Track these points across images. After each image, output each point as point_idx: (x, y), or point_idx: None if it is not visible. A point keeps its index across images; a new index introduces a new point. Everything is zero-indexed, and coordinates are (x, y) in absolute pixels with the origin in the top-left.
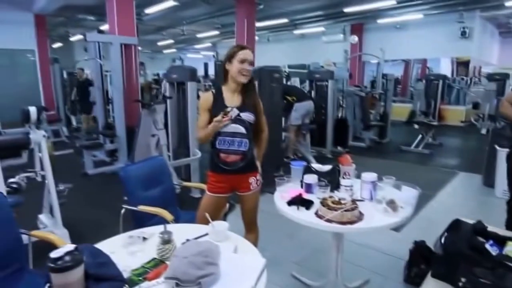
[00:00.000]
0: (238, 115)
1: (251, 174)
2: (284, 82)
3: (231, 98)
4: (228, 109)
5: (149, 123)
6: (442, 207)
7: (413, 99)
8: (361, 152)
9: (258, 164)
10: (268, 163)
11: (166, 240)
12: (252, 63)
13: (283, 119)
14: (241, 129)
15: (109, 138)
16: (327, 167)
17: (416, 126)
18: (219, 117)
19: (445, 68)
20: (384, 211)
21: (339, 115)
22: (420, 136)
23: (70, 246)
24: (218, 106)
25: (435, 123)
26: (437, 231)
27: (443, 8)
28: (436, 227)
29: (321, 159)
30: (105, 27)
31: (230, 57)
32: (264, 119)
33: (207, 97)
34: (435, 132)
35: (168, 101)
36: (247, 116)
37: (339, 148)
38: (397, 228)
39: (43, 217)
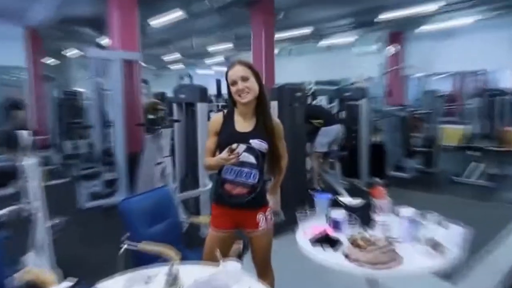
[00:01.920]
0: (247, 147)
1: (259, 210)
2: (309, 101)
3: (242, 122)
4: (234, 145)
5: (154, 150)
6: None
7: (468, 119)
8: (403, 184)
9: (272, 198)
10: (291, 197)
11: (172, 281)
12: (245, 79)
13: (307, 144)
14: (251, 158)
15: (107, 166)
16: (357, 201)
17: (472, 153)
18: (224, 155)
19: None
20: (426, 252)
21: (375, 139)
22: (478, 165)
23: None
24: (226, 131)
25: (498, 148)
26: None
27: (502, 10)
28: (503, 277)
29: (354, 192)
30: (105, 41)
31: (226, 80)
32: (283, 144)
33: (216, 119)
34: (499, 160)
35: (176, 125)
36: (257, 144)
37: (376, 179)
38: (449, 277)
39: (30, 256)
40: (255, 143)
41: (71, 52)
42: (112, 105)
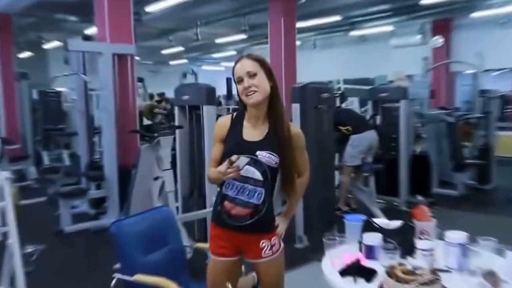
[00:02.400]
0: (252, 160)
1: (263, 236)
2: (337, 104)
3: (251, 129)
4: (233, 157)
5: (151, 162)
6: None
7: None
8: (452, 203)
9: (283, 222)
10: (317, 219)
11: None
12: (252, 75)
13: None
14: (256, 173)
15: (94, 182)
16: (395, 223)
17: None
18: (223, 167)
19: None
20: (480, 286)
21: (418, 149)
22: None
23: None
24: (232, 138)
25: None
26: None
27: None
28: None
29: (392, 213)
30: (91, 30)
31: (233, 77)
32: (304, 158)
33: (222, 124)
34: None
35: (177, 131)
36: (265, 157)
37: (418, 197)
38: None
39: None
40: (262, 155)
41: (50, 44)
42: (101, 108)
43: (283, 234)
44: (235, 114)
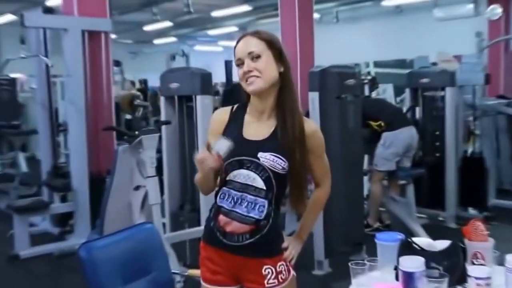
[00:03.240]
0: (254, 164)
1: (267, 260)
2: (366, 92)
3: (254, 125)
4: (212, 142)
5: (131, 168)
6: None
7: None
8: None
9: (295, 244)
10: (341, 240)
11: None
12: (255, 56)
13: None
14: (257, 180)
15: (59, 194)
16: (442, 244)
17: None
18: (200, 155)
19: None
20: None
21: (469, 150)
22: None
23: None
24: (231, 136)
25: None
26: None
27: None
28: None
29: (437, 231)
30: (54, 1)
31: (234, 59)
32: (323, 163)
33: (219, 118)
34: None
35: (164, 128)
36: (269, 159)
37: (471, 210)
38: None
39: None
40: (266, 158)
41: (2, 18)
42: (67, 99)
43: (294, 259)
44: (235, 107)
